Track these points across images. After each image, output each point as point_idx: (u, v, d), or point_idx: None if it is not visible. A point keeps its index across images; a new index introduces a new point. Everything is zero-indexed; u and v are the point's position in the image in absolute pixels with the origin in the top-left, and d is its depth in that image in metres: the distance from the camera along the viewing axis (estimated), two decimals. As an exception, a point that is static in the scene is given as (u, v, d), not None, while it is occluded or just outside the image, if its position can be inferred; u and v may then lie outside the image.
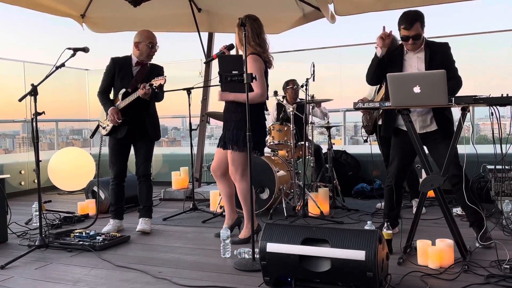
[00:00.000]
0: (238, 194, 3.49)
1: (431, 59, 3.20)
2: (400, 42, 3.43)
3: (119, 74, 3.89)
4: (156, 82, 3.67)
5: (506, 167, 4.24)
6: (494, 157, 2.90)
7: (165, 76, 3.69)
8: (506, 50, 3.24)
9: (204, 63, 6.16)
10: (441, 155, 3.07)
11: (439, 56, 3.21)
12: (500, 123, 3.06)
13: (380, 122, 4.43)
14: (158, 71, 3.95)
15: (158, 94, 3.88)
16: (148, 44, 3.87)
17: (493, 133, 3.17)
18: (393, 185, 3.36)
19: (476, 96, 2.85)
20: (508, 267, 2.61)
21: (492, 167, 3.14)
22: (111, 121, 3.81)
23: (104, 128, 3.92)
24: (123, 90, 3.83)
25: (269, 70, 3.55)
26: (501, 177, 4.20)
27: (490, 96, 2.89)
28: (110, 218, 4.03)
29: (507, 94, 2.69)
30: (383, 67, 3.30)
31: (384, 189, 3.48)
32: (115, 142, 3.91)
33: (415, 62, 3.27)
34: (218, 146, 3.59)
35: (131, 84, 3.83)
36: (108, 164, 4.00)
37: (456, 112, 3.10)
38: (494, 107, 2.84)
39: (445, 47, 3.26)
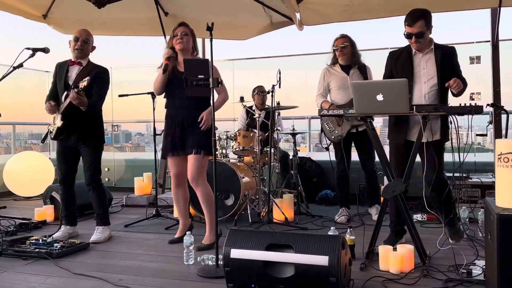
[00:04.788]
0: (203, 199, 3.47)
1: (443, 62, 3.21)
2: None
3: (58, 76, 3.77)
4: (81, 84, 3.43)
5: (464, 175, 4.41)
6: (452, 165, 3.00)
7: (88, 78, 3.43)
8: (464, 62, 3.36)
9: (158, 68, 5.98)
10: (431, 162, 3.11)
11: (449, 58, 3.25)
12: (458, 132, 3.17)
13: (354, 130, 4.42)
14: (95, 72, 3.67)
15: (94, 102, 3.65)
16: (74, 38, 3.70)
17: (451, 142, 3.28)
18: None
19: (436, 105, 2.95)
20: (465, 271, 2.69)
21: (451, 174, 3.27)
22: (48, 111, 3.72)
23: (51, 132, 3.80)
24: (66, 92, 3.65)
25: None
26: (458, 184, 4.35)
27: (449, 106, 2.99)
28: (62, 225, 3.90)
29: (465, 104, 2.79)
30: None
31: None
32: (59, 146, 3.82)
33: (423, 64, 3.27)
34: (173, 155, 3.51)
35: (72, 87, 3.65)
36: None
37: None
38: (453, 116, 2.94)
39: (454, 50, 3.31)
